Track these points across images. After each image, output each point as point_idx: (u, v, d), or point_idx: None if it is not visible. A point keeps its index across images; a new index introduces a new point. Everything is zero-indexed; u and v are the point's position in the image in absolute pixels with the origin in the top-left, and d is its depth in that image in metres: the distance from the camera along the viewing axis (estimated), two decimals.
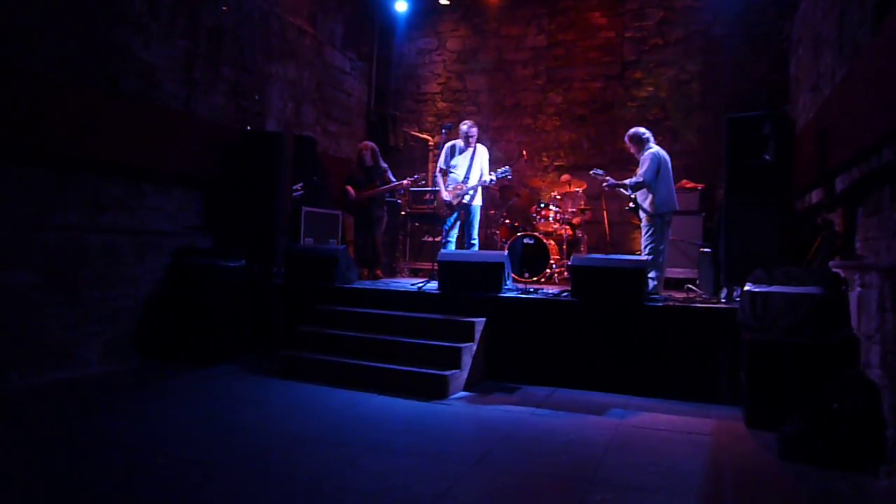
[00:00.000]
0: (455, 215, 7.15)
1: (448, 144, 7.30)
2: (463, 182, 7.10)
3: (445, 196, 7.09)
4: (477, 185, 7.09)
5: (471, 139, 7.17)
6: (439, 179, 7.25)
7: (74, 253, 5.46)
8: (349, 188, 7.74)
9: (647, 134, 6.57)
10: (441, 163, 7.27)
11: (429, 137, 10.52)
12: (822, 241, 4.95)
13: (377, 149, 7.95)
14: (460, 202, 7.08)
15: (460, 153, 7.21)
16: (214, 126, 6.96)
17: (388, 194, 7.97)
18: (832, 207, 4.94)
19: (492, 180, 7.07)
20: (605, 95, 9.47)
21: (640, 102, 9.25)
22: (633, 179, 6.39)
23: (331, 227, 8.00)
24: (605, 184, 6.66)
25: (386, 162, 7.98)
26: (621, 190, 6.64)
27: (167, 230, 6.38)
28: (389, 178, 7.79)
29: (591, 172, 6.79)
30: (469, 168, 7.14)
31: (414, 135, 10.50)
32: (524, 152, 9.33)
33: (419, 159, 10.33)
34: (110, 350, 5.74)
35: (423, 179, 7.84)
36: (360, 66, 10.17)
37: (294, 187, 7.23)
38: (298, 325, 6.04)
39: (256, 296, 6.51)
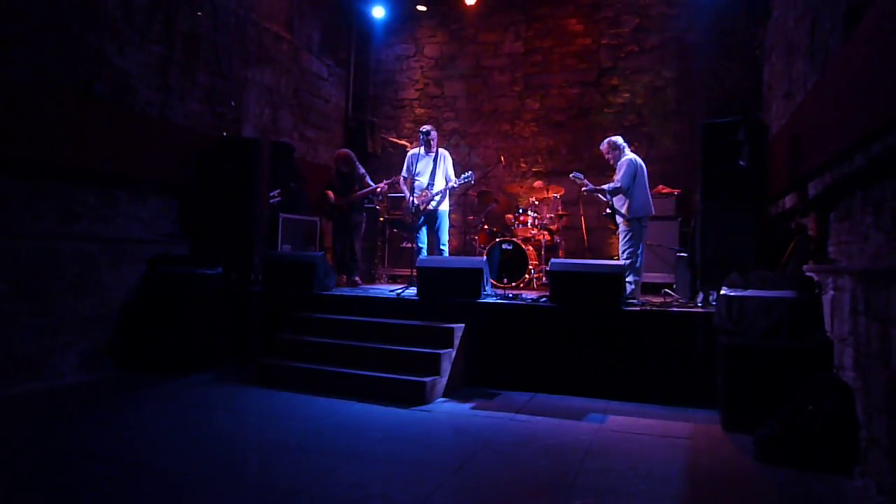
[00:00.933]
0: (421, 220, 7.20)
1: (410, 153, 7.36)
2: (427, 188, 7.13)
3: (410, 203, 7.15)
4: (442, 191, 7.12)
5: (431, 143, 7.20)
6: (403, 186, 7.32)
7: (47, 262, 5.38)
8: (328, 193, 7.74)
9: (622, 142, 6.71)
10: (404, 171, 7.34)
11: (407, 144, 10.49)
12: (795, 246, 5.02)
13: (353, 155, 7.96)
14: (426, 208, 7.11)
15: (422, 158, 7.25)
16: (190, 132, 6.90)
17: (366, 200, 7.94)
18: (805, 212, 5.01)
19: (454, 186, 7.11)
20: (583, 102, 9.54)
21: (617, 109, 9.33)
22: (611, 185, 6.47)
23: (308, 233, 7.96)
24: (583, 188, 6.74)
25: (364, 168, 7.97)
26: (599, 195, 6.71)
27: (142, 238, 6.31)
28: (368, 183, 7.78)
29: (571, 176, 6.86)
30: (433, 174, 7.17)
31: (392, 141, 10.49)
32: (502, 158, 9.36)
33: (397, 165, 10.17)
34: (85, 360, 5.65)
35: (396, 183, 7.85)
36: (338, 72, 10.16)
37: (271, 194, 7.19)
38: (276, 332, 6.00)
39: (234, 304, 6.45)
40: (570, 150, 9.58)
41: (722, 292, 4.62)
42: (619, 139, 6.67)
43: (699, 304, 5.65)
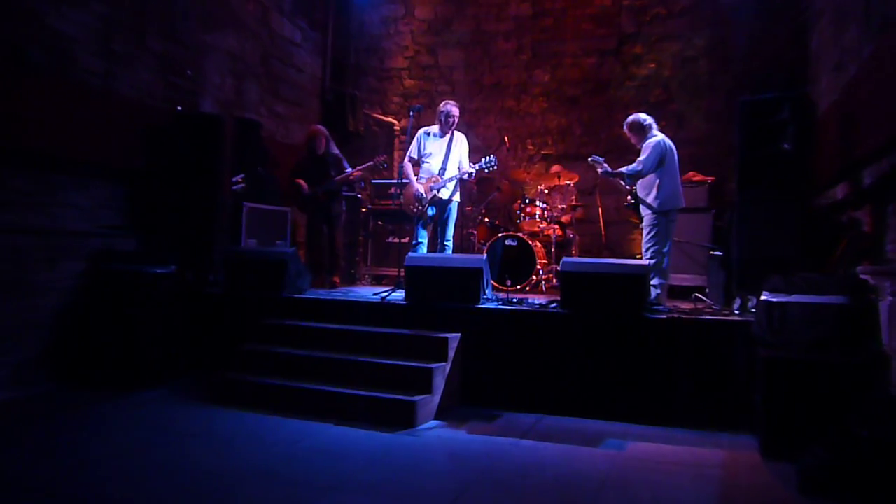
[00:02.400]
0: (430, 212, 7.11)
1: (422, 130, 7.27)
2: (439, 174, 7.05)
3: (417, 190, 7.04)
4: (455, 178, 7.05)
5: (451, 121, 7.11)
6: (409, 170, 7.20)
7: None
8: (301, 182, 7.69)
9: (650, 120, 6.63)
10: (412, 151, 7.22)
11: (394, 121, 10.50)
12: (847, 243, 5.02)
13: (327, 133, 7.93)
14: (434, 197, 7.04)
15: (436, 139, 7.18)
16: (139, 106, 6.87)
17: (345, 187, 7.94)
18: (859, 204, 5.02)
19: (471, 174, 7.04)
20: (600, 74, 9.54)
21: (641, 82, 9.35)
22: (631, 167, 6.45)
23: (278, 226, 7.97)
24: (599, 170, 6.73)
25: (343, 149, 7.96)
26: (619, 182, 6.69)
27: (84, 230, 6.27)
28: (345, 168, 7.77)
29: (590, 159, 6.83)
30: (446, 157, 7.09)
31: (377, 118, 10.48)
32: (506, 139, 9.31)
33: (383, 146, 10.30)
34: (17, 374, 5.61)
35: (387, 163, 7.81)
36: (314, 36, 10.13)
37: (234, 179, 7.18)
38: (240, 342, 5.99)
39: (190, 308, 6.44)
40: (586, 131, 9.59)
41: (762, 298, 4.62)
42: (644, 117, 6.63)
43: (735, 312, 5.65)
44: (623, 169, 6.51)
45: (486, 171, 7.11)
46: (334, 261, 7.80)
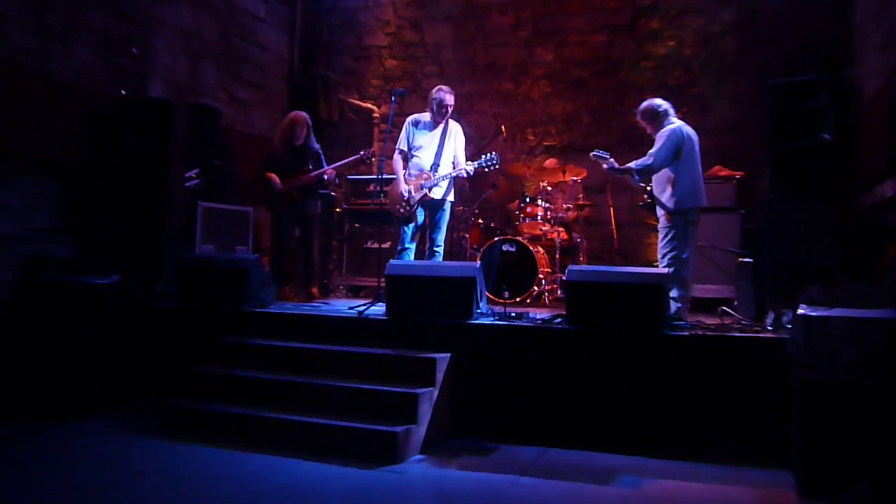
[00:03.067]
0: (419, 214, 7.14)
1: (410, 119, 7.30)
2: (431, 170, 7.08)
3: (405, 188, 7.05)
4: (450, 176, 7.09)
5: (445, 110, 7.14)
6: (398, 165, 7.21)
7: None
8: (272, 176, 7.68)
9: (665, 106, 6.63)
10: (401, 142, 7.24)
11: (373, 107, 10.50)
12: None
13: (310, 122, 7.93)
14: (425, 197, 7.06)
15: (428, 130, 7.21)
16: (78, 90, 6.85)
17: (320, 184, 7.99)
18: None
19: (469, 172, 7.05)
20: (612, 52, 9.57)
21: (658, 62, 9.38)
22: (641, 162, 6.44)
23: (238, 228, 7.97)
24: (605, 166, 6.72)
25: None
26: (630, 179, 6.70)
27: (12, 234, 6.24)
28: (323, 165, 7.79)
29: (592, 155, 6.82)
30: (439, 151, 7.12)
31: (353, 103, 10.48)
32: (503, 128, 9.34)
33: (360, 136, 10.31)
34: None
35: (371, 156, 7.81)
36: (280, 9, 10.15)
37: (188, 174, 7.16)
38: (195, 364, 5.97)
39: (137, 324, 6.42)
40: (595, 118, 9.62)
41: (799, 311, 4.62)
42: (658, 102, 6.63)
43: (768, 328, 5.64)
44: (632, 164, 6.49)
45: (487, 170, 7.14)
46: (309, 269, 7.81)
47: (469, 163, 7.08)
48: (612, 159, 6.70)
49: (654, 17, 9.44)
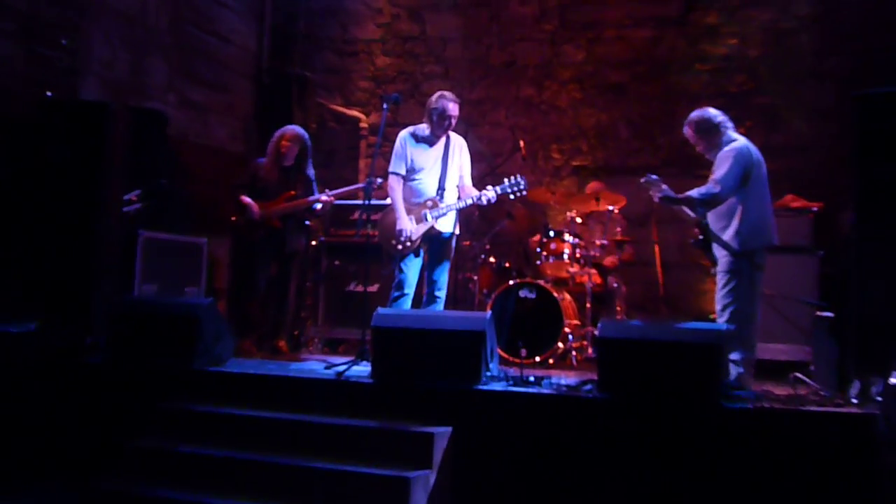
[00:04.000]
0: (419, 250, 7.14)
1: (406, 133, 7.29)
2: (437, 196, 7.11)
3: (405, 221, 7.03)
4: (465, 205, 7.13)
5: (447, 123, 7.15)
6: (396, 192, 7.18)
7: None
8: (247, 201, 7.69)
9: (722, 118, 6.60)
10: (397, 164, 7.21)
11: (360, 115, 10.53)
12: None
13: (308, 142, 7.96)
14: (431, 231, 7.08)
15: (427, 146, 7.23)
16: None
17: (309, 215, 8.08)
18: None
19: (490, 199, 7.03)
20: (657, 52, 9.65)
21: (716, 64, 9.43)
22: (703, 190, 6.40)
23: (189, 264, 7.99)
24: (656, 195, 6.68)
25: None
26: (684, 209, 6.68)
27: None
28: (314, 192, 7.85)
29: (643, 180, 6.77)
30: (443, 172, 7.16)
31: (335, 110, 10.53)
32: (521, 144, 9.28)
33: (343, 151, 10.37)
34: None
35: (379, 186, 7.70)
36: None
37: (127, 197, 7.15)
38: (130, 435, 5.93)
39: (59, 384, 6.40)
40: (636, 132, 9.68)
41: (891, 381, 4.60)
42: (715, 112, 6.60)
43: (852, 400, 5.59)
44: (692, 193, 6.43)
45: (512, 196, 7.14)
46: (280, 317, 7.85)
47: (490, 188, 7.04)
48: (665, 186, 6.63)
49: (712, 10, 9.51)
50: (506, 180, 7.08)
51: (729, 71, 9.40)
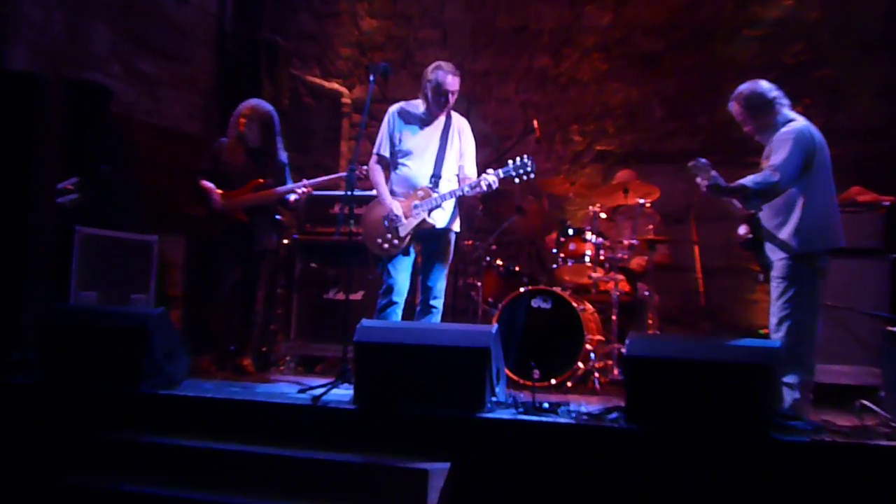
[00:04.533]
0: (410, 248, 7.14)
1: (395, 109, 7.35)
2: (430, 185, 7.10)
3: (392, 211, 7.06)
4: (460, 192, 7.10)
5: (446, 97, 7.16)
6: (378, 178, 7.25)
7: None
8: (208, 187, 7.72)
9: (776, 92, 6.55)
10: (382, 144, 7.28)
11: (342, 89, 10.61)
12: None
13: (273, 117, 7.98)
14: (423, 224, 7.05)
15: (421, 126, 7.25)
16: None
17: (281, 207, 8.11)
18: None
19: (490, 185, 6.98)
20: (698, 15, 9.67)
21: (769, 30, 9.43)
22: (758, 177, 6.30)
23: (137, 267, 7.99)
24: (704, 183, 6.55)
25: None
26: (733, 204, 6.55)
27: None
28: (287, 181, 7.89)
29: (691, 164, 6.66)
30: (440, 156, 7.18)
31: (312, 83, 10.64)
32: (535, 125, 9.28)
33: (322, 132, 10.49)
34: None
35: (365, 176, 7.69)
36: None
37: (62, 186, 7.15)
38: (64, 470, 5.87)
39: None
40: (672, 111, 9.70)
41: None
42: (768, 86, 6.56)
43: None
44: (745, 181, 6.34)
45: (517, 180, 7.09)
46: (246, 330, 7.88)
47: (491, 171, 7.03)
48: (715, 173, 6.49)
49: None
50: (510, 162, 7.05)
51: (783, 38, 9.37)
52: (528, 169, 7.00)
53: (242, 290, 7.84)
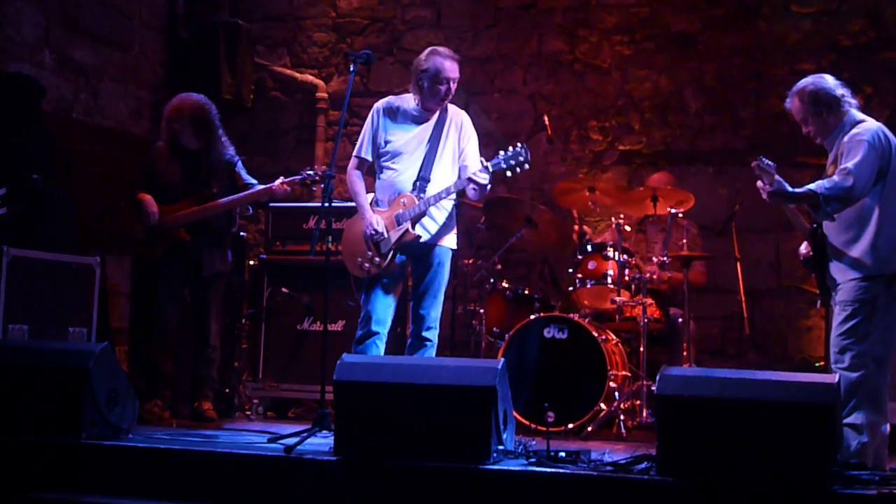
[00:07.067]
0: (397, 267, 7.18)
1: (381, 105, 7.39)
2: (415, 191, 7.13)
3: (372, 224, 7.09)
4: (445, 194, 7.12)
5: (442, 90, 7.20)
6: (357, 185, 7.30)
7: None
8: (146, 199, 7.75)
9: (843, 90, 6.58)
10: (363, 146, 7.33)
11: (316, 80, 10.60)
12: None
13: (209, 108, 8.03)
14: (405, 237, 7.08)
15: (412, 125, 7.30)
16: None
17: (231, 221, 8.12)
18: None
19: (483, 180, 6.99)
20: None
21: (822, 6, 9.44)
22: (831, 182, 6.32)
23: (75, 295, 7.97)
24: (767, 188, 6.59)
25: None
26: (797, 214, 6.60)
27: None
28: (243, 179, 7.93)
29: (755, 164, 6.70)
30: (430, 157, 7.22)
31: (282, 74, 10.61)
32: (546, 119, 9.36)
33: (292, 131, 10.56)
34: None
35: (328, 179, 7.70)
36: None
37: None
38: None
39: None
40: (711, 104, 9.72)
41: None
42: (834, 84, 6.59)
43: None
44: (814, 187, 6.37)
45: (509, 172, 7.10)
46: (201, 369, 7.89)
47: (481, 168, 7.04)
48: (779, 178, 6.51)
49: None
50: (501, 152, 7.08)
51: (840, 15, 9.36)
52: (522, 158, 7.02)
53: (194, 321, 7.89)
